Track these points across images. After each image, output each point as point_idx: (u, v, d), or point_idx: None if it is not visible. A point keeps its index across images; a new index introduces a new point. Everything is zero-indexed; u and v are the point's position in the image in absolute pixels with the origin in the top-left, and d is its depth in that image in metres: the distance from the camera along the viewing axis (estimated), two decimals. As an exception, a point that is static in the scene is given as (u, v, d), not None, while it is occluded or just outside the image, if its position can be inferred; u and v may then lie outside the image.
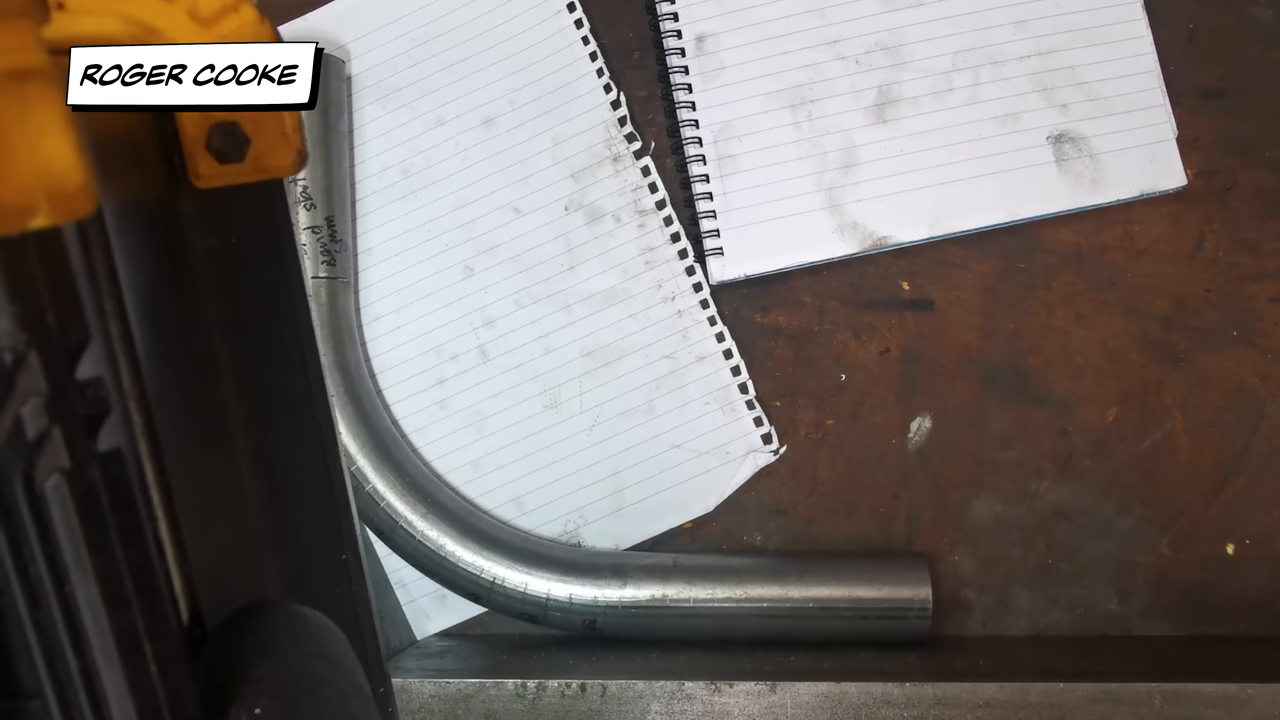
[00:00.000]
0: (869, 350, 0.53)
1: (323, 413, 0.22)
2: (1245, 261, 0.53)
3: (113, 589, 0.16)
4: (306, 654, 0.20)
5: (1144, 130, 0.52)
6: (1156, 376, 0.52)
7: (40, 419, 0.15)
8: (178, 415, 0.20)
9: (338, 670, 0.20)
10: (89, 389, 0.16)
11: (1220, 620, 0.52)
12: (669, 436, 0.53)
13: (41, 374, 0.15)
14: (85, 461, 0.16)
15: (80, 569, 0.16)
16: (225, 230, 0.21)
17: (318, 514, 0.23)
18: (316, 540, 0.23)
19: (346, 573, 0.23)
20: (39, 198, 0.14)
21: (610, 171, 0.54)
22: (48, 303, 0.15)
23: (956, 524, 0.53)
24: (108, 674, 0.16)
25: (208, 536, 0.21)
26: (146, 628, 0.17)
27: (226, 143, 0.19)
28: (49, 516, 0.15)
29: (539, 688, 0.45)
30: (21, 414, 0.15)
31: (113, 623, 0.16)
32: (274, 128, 0.20)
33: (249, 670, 0.19)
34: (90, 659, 0.16)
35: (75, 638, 0.16)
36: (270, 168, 0.20)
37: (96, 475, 0.16)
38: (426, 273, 0.54)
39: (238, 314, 0.21)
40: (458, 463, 0.54)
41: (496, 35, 0.55)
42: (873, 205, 0.52)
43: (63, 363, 0.15)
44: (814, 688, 0.44)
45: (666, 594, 0.50)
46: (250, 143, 0.20)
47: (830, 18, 0.53)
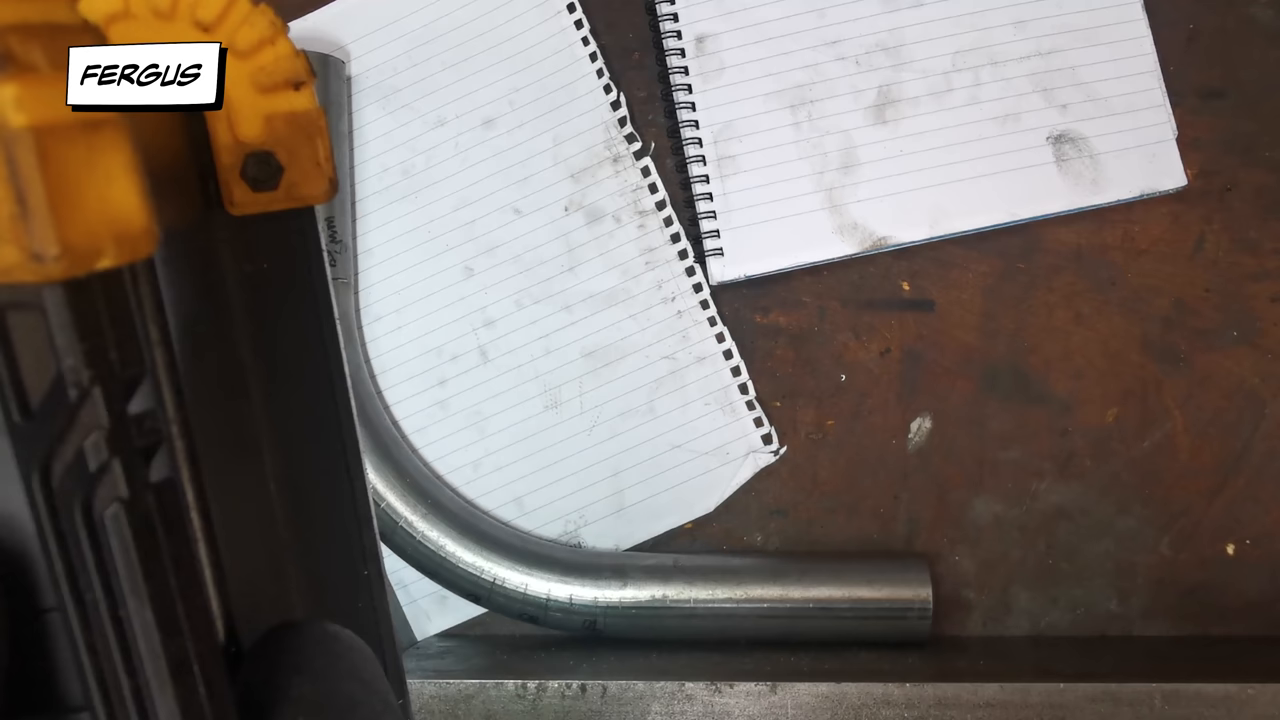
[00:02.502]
0: (869, 350, 0.53)
1: (348, 432, 0.23)
2: (1245, 261, 0.53)
3: (166, 614, 0.17)
4: (341, 673, 0.20)
5: (1144, 130, 0.52)
6: (1156, 376, 0.52)
7: (101, 452, 0.15)
8: (213, 438, 0.21)
9: (370, 690, 0.21)
10: (144, 421, 0.16)
11: (1220, 620, 0.52)
12: (669, 437, 0.53)
13: (104, 408, 0.15)
14: (141, 492, 0.16)
15: (136, 595, 0.16)
16: (258, 255, 0.21)
17: (342, 531, 0.23)
18: (340, 557, 0.23)
19: (369, 588, 0.24)
20: (107, 241, 0.15)
21: (610, 172, 0.54)
22: (111, 340, 0.16)
23: (957, 524, 0.53)
24: (160, 696, 0.17)
25: (240, 556, 0.21)
26: (196, 651, 0.17)
27: (261, 171, 0.20)
28: (106, 544, 0.16)
29: (539, 688, 0.45)
30: (84, 446, 0.15)
31: (165, 646, 0.17)
32: (307, 156, 0.20)
33: (286, 689, 0.19)
34: (143, 681, 0.17)
35: (128, 660, 0.17)
36: (304, 196, 0.21)
37: (151, 504, 0.16)
38: (427, 273, 0.54)
39: (269, 337, 0.22)
40: (458, 463, 0.54)
41: (497, 35, 0.55)
42: (873, 205, 0.52)
43: (121, 397, 0.16)
44: (814, 688, 0.44)
45: (667, 594, 0.50)
46: (284, 172, 0.20)
47: (830, 18, 0.53)
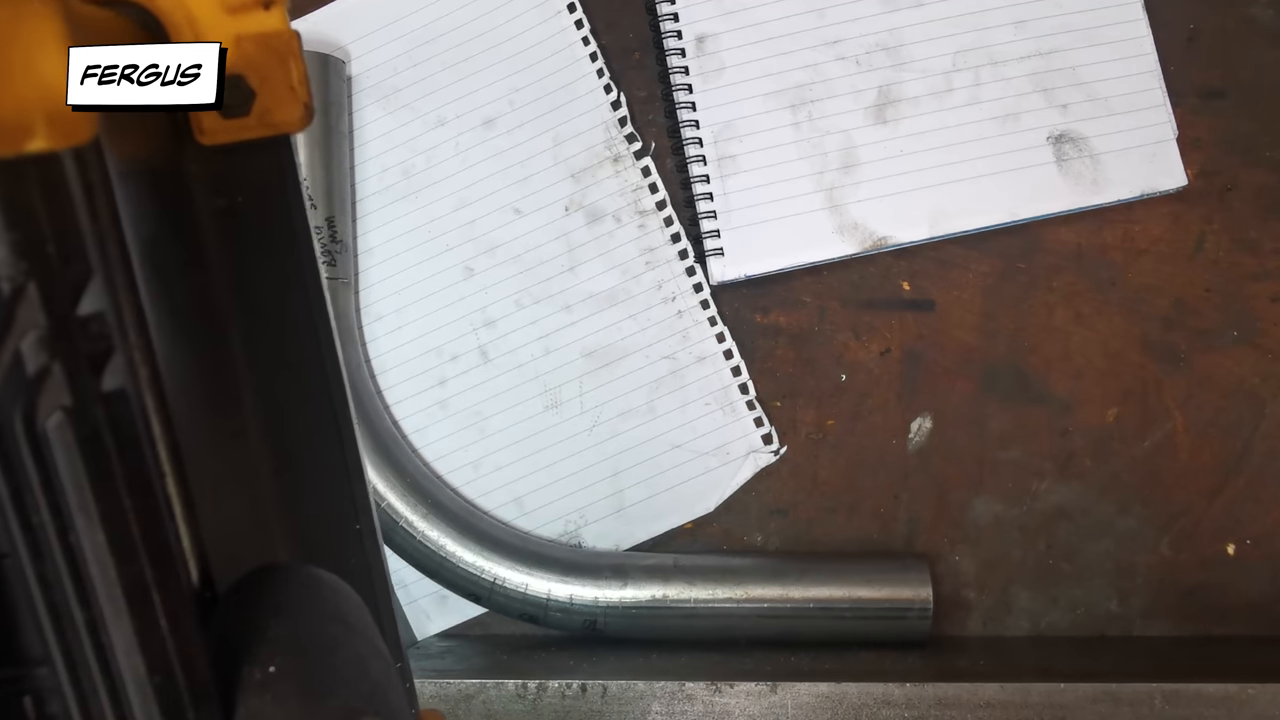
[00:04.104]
0: (869, 350, 0.53)
1: (334, 377, 0.22)
2: (1245, 261, 0.53)
3: (119, 535, 0.15)
4: (323, 615, 0.19)
5: (1144, 130, 0.52)
6: (1157, 376, 0.52)
7: (40, 354, 0.14)
8: (184, 372, 0.19)
9: (355, 633, 0.19)
10: (91, 324, 0.15)
11: (1221, 620, 0.52)
12: (669, 437, 0.53)
13: (41, 307, 0.14)
14: (88, 400, 0.15)
15: (85, 514, 0.15)
16: (232, 189, 0.20)
17: (331, 483, 0.22)
18: (329, 509, 0.22)
19: (361, 543, 0.22)
20: (37, 117, 0.13)
21: (610, 172, 0.54)
22: (48, 233, 0.14)
23: (957, 524, 0.53)
24: (115, 626, 0.16)
25: (217, 500, 0.20)
26: (155, 578, 0.16)
27: (232, 96, 0.19)
28: (51, 458, 0.15)
29: (539, 688, 0.45)
30: (21, 348, 0.14)
31: (120, 572, 0.15)
32: (280, 80, 0.19)
33: (264, 630, 0.18)
34: (97, 611, 0.15)
35: (81, 589, 0.15)
36: (277, 122, 0.19)
37: (100, 416, 0.15)
38: (427, 273, 0.54)
39: (246, 275, 0.20)
40: (458, 463, 0.54)
41: (497, 35, 0.55)
42: (873, 205, 0.52)
43: (64, 296, 0.14)
44: (814, 688, 0.44)
45: (667, 594, 0.49)
46: (256, 96, 0.19)
47: (830, 18, 0.53)
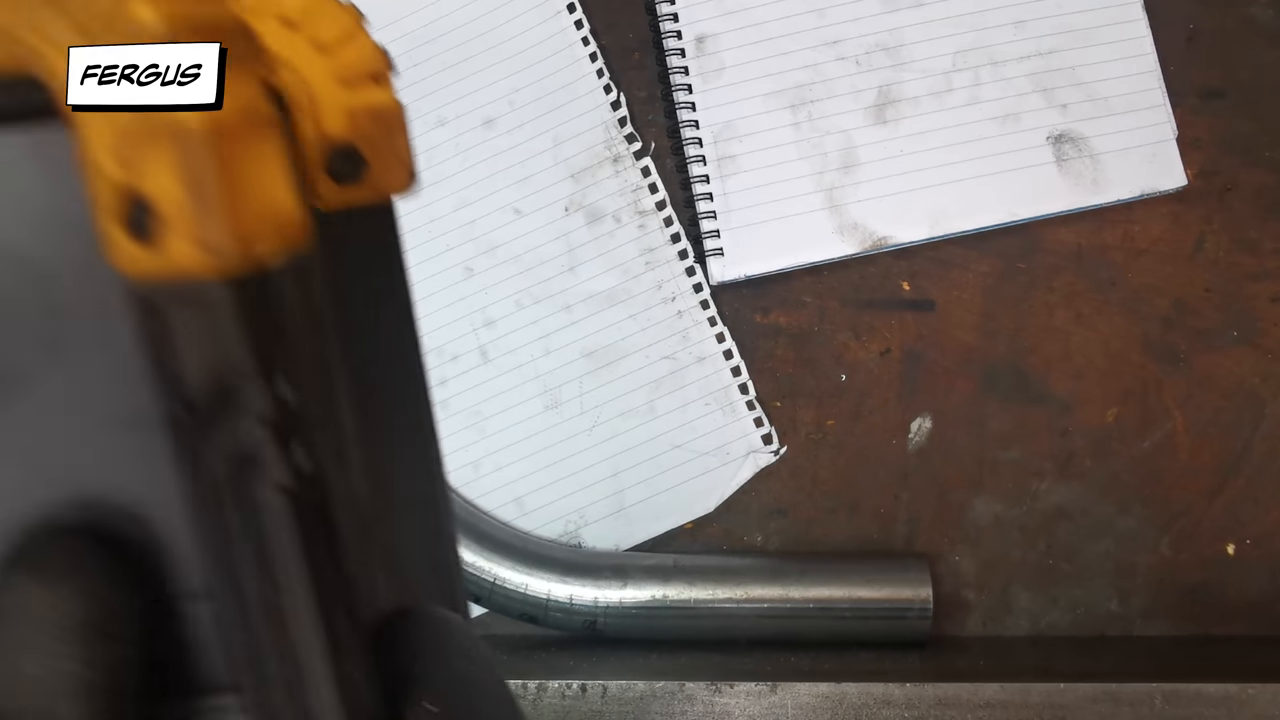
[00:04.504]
0: (869, 350, 0.53)
1: (426, 421, 0.24)
2: (1245, 261, 0.53)
3: (325, 600, 0.17)
4: (459, 654, 0.21)
5: (1144, 130, 0.52)
6: (1156, 376, 0.52)
7: (263, 438, 0.16)
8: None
9: (486, 669, 0.21)
10: (300, 411, 0.17)
11: (1221, 620, 0.52)
12: (669, 437, 0.53)
13: (267, 399, 0.16)
14: (300, 478, 0.17)
15: (297, 582, 0.17)
16: (342, 250, 0.22)
17: (427, 518, 0.24)
18: (428, 543, 0.24)
19: (449, 574, 0.24)
20: (270, 233, 0.15)
21: (610, 172, 0.54)
22: (272, 333, 0.16)
23: (957, 524, 0.53)
24: (322, 682, 0.17)
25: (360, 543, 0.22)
26: (351, 637, 0.18)
27: (345, 165, 0.20)
28: (267, 531, 0.17)
29: (539, 688, 0.45)
30: (246, 438, 0.16)
31: (327, 632, 0.17)
32: (389, 149, 0.20)
33: (410, 672, 0.20)
34: (298, 667, 0.17)
35: (283, 647, 0.17)
36: (385, 188, 0.21)
37: (307, 491, 0.17)
38: (427, 273, 0.54)
39: (353, 330, 0.22)
40: (458, 463, 0.54)
41: (496, 35, 0.55)
42: (873, 205, 0.52)
43: (281, 387, 0.17)
44: (814, 688, 0.44)
45: (667, 594, 0.49)
46: (367, 165, 0.20)
47: (830, 18, 0.53)
